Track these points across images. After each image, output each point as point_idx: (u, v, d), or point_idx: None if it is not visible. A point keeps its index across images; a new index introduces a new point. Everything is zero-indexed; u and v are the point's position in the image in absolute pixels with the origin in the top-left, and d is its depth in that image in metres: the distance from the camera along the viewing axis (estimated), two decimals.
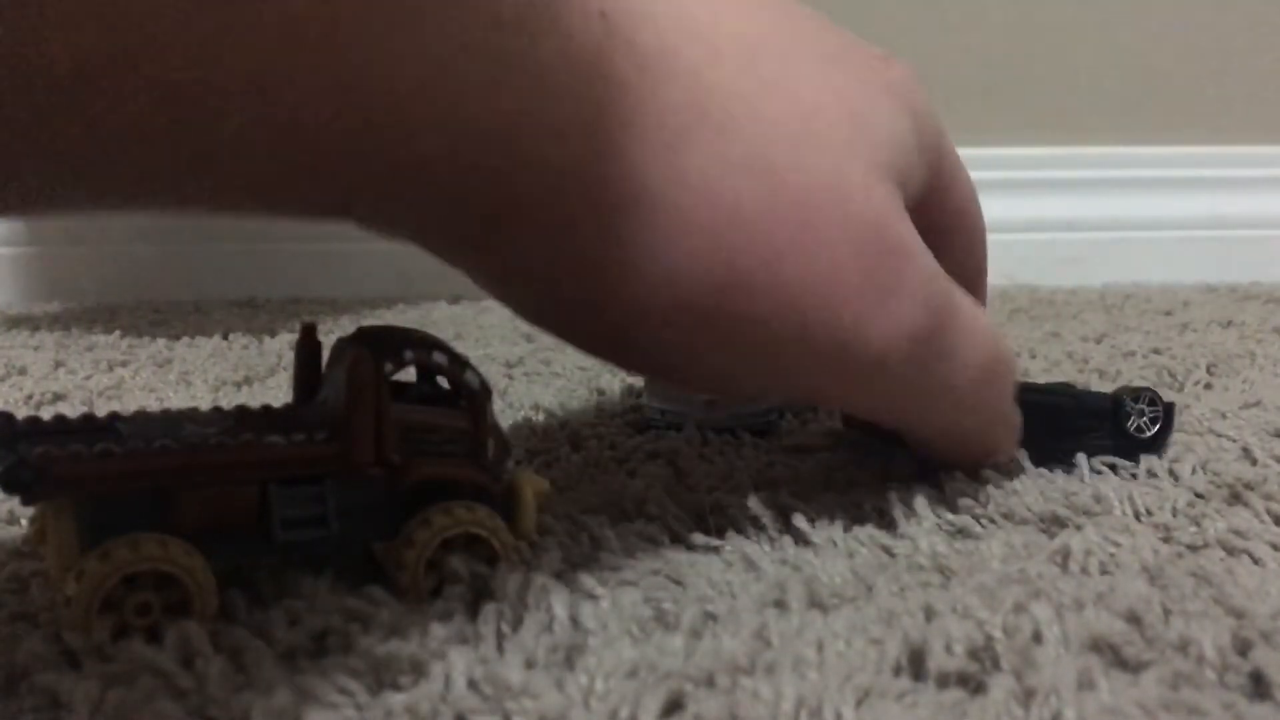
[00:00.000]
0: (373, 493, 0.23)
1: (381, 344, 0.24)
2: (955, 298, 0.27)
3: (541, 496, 0.25)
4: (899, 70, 0.28)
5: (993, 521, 0.29)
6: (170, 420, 0.24)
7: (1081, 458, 0.33)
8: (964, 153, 0.31)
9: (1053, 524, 0.29)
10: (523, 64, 0.21)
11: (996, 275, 0.76)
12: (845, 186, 0.24)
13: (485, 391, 0.25)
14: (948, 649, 0.21)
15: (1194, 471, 0.33)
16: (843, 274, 0.24)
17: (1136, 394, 0.34)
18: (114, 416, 0.23)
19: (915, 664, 0.21)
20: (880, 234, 0.25)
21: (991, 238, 0.33)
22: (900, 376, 0.26)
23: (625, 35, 0.23)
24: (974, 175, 0.32)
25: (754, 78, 0.25)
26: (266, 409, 0.25)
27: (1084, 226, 0.81)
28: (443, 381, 0.25)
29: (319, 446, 0.23)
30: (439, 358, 0.24)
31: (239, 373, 0.51)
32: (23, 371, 0.51)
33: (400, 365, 0.23)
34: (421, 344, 0.24)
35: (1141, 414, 0.34)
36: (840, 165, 0.24)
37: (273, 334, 0.62)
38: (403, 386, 0.24)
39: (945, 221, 0.29)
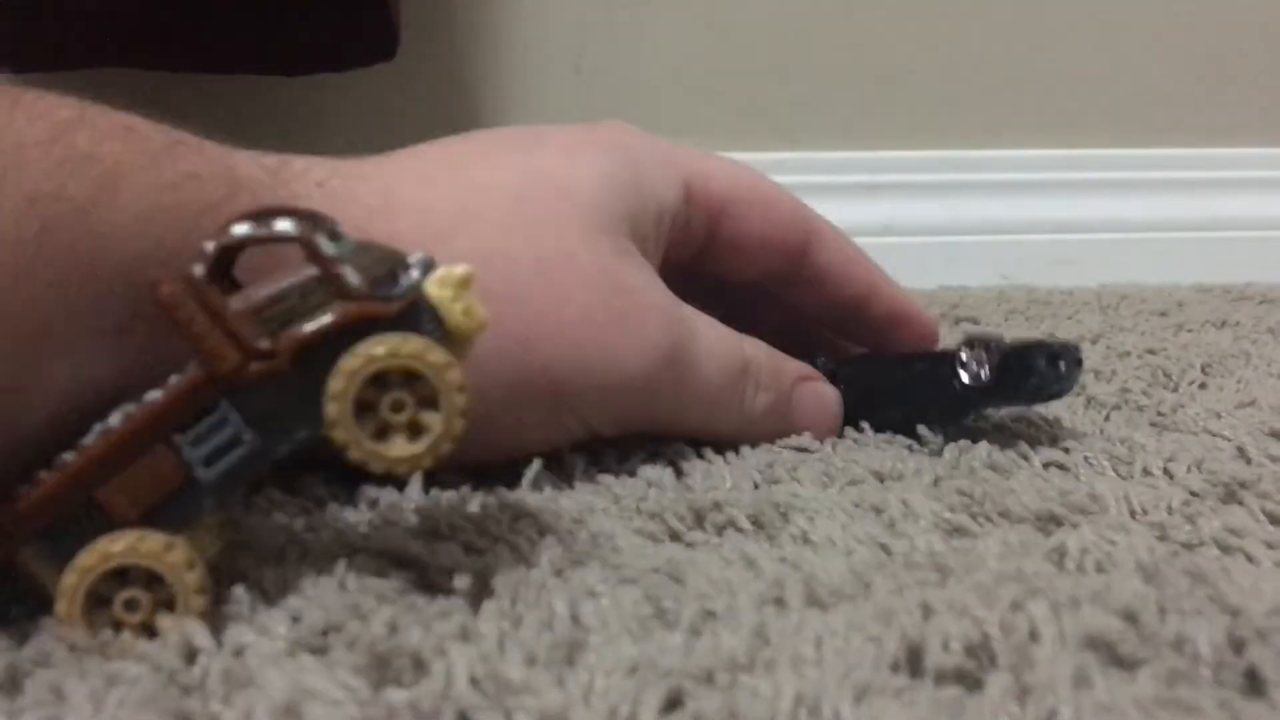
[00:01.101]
0: (274, 390, 0.22)
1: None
2: (690, 319, 0.32)
3: (462, 283, 0.23)
4: (604, 129, 0.33)
5: (989, 520, 0.29)
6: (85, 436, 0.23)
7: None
8: (963, 154, 0.31)
9: (1049, 522, 0.29)
10: None
11: (993, 276, 0.76)
12: (568, 252, 0.29)
13: (306, 226, 0.22)
14: (945, 646, 0.21)
15: (1189, 470, 0.33)
16: (594, 317, 0.29)
17: (972, 343, 0.35)
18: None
19: (913, 661, 0.21)
20: (610, 279, 0.30)
21: (989, 239, 0.34)
22: (660, 392, 0.31)
23: (346, 196, 0.28)
24: (973, 176, 0.32)
25: (466, 186, 0.30)
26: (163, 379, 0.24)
27: (1080, 228, 0.81)
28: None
29: (188, 377, 0.22)
30: (239, 229, 0.22)
31: None
32: None
33: (205, 258, 0.22)
34: (220, 232, 0.22)
35: (979, 362, 0.35)
36: (559, 237, 0.30)
37: None
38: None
39: (721, 201, 0.34)
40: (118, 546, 0.21)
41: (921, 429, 0.36)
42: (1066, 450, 0.35)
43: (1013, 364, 0.34)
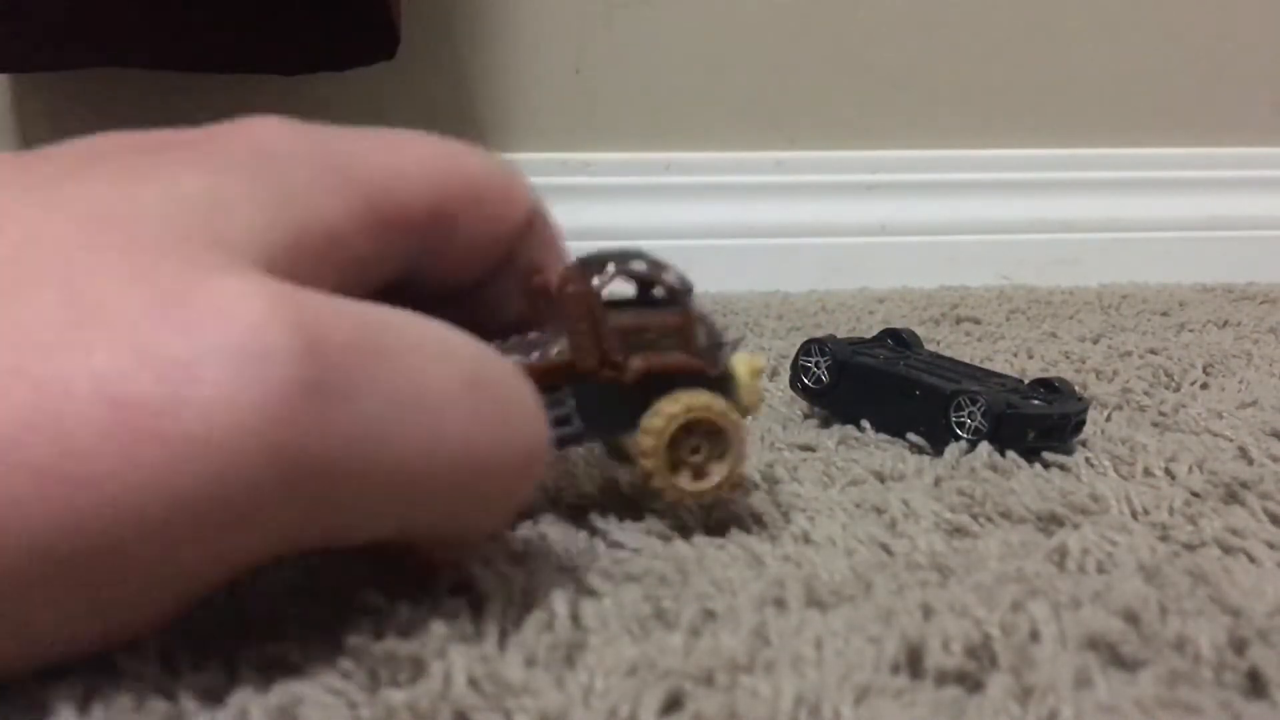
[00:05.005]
0: (607, 392, 0.26)
1: (586, 264, 0.27)
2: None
3: (758, 372, 0.28)
4: (245, 133, 0.23)
5: (990, 520, 0.29)
6: None
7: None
8: (963, 154, 0.31)
9: (1050, 522, 0.29)
10: None
11: (993, 276, 0.76)
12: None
13: (687, 288, 0.27)
14: (945, 647, 0.21)
15: (1191, 471, 0.33)
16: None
17: (974, 396, 0.35)
18: None
19: (913, 662, 0.21)
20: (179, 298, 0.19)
21: (989, 239, 0.34)
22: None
23: None
24: (973, 176, 0.32)
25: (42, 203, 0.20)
26: (516, 339, 0.27)
27: (1081, 227, 0.81)
28: (643, 288, 0.28)
29: (554, 360, 0.26)
30: (638, 265, 0.27)
31: None
32: None
33: (605, 277, 0.26)
34: (622, 256, 0.27)
35: (970, 415, 0.35)
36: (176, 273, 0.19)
37: None
38: (621, 300, 0.27)
39: (423, 214, 0.25)
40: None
41: (913, 436, 0.36)
42: (1068, 450, 0.35)
43: (1007, 424, 0.34)
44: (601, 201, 0.76)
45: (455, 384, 0.20)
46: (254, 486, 0.18)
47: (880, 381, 0.37)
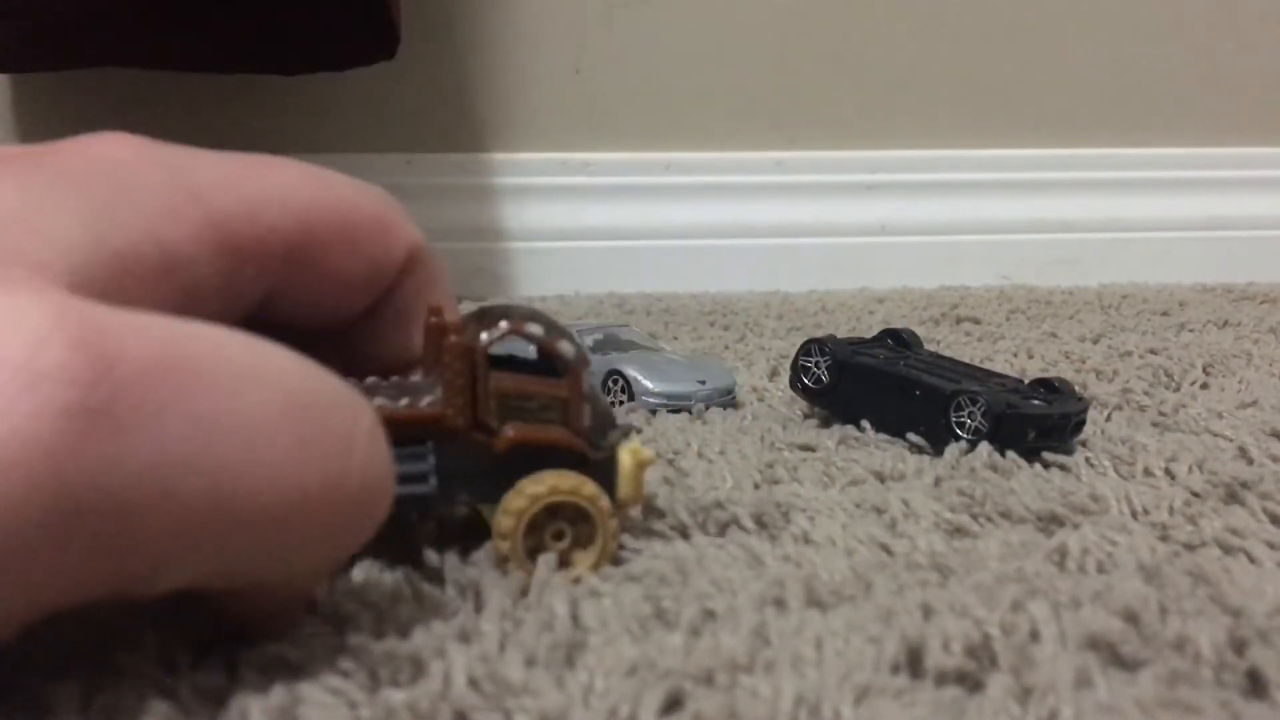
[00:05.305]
0: (473, 455, 0.24)
1: (481, 316, 0.25)
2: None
3: (644, 466, 0.26)
4: (84, 148, 0.22)
5: (990, 520, 0.29)
6: None
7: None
8: (963, 154, 0.30)
9: (1050, 523, 0.29)
10: None
11: (993, 276, 0.76)
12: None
13: (581, 361, 0.25)
14: (945, 647, 0.21)
15: (1191, 471, 0.33)
16: None
17: (974, 396, 0.35)
18: None
19: (913, 662, 0.21)
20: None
21: (990, 238, 0.33)
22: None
23: None
24: (973, 176, 0.32)
25: None
26: (396, 379, 0.25)
27: (1081, 227, 0.81)
28: (534, 351, 0.26)
29: (421, 410, 0.24)
30: (533, 328, 0.25)
31: None
32: None
33: (495, 333, 0.24)
34: (519, 315, 0.25)
35: (970, 415, 0.35)
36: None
37: None
38: (514, 360, 0.25)
39: (284, 245, 0.24)
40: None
41: (913, 436, 0.36)
42: (1068, 450, 0.35)
43: (1007, 424, 0.34)
44: (601, 201, 0.76)
45: (274, 409, 0.18)
46: (24, 524, 0.16)
47: (880, 381, 0.37)
